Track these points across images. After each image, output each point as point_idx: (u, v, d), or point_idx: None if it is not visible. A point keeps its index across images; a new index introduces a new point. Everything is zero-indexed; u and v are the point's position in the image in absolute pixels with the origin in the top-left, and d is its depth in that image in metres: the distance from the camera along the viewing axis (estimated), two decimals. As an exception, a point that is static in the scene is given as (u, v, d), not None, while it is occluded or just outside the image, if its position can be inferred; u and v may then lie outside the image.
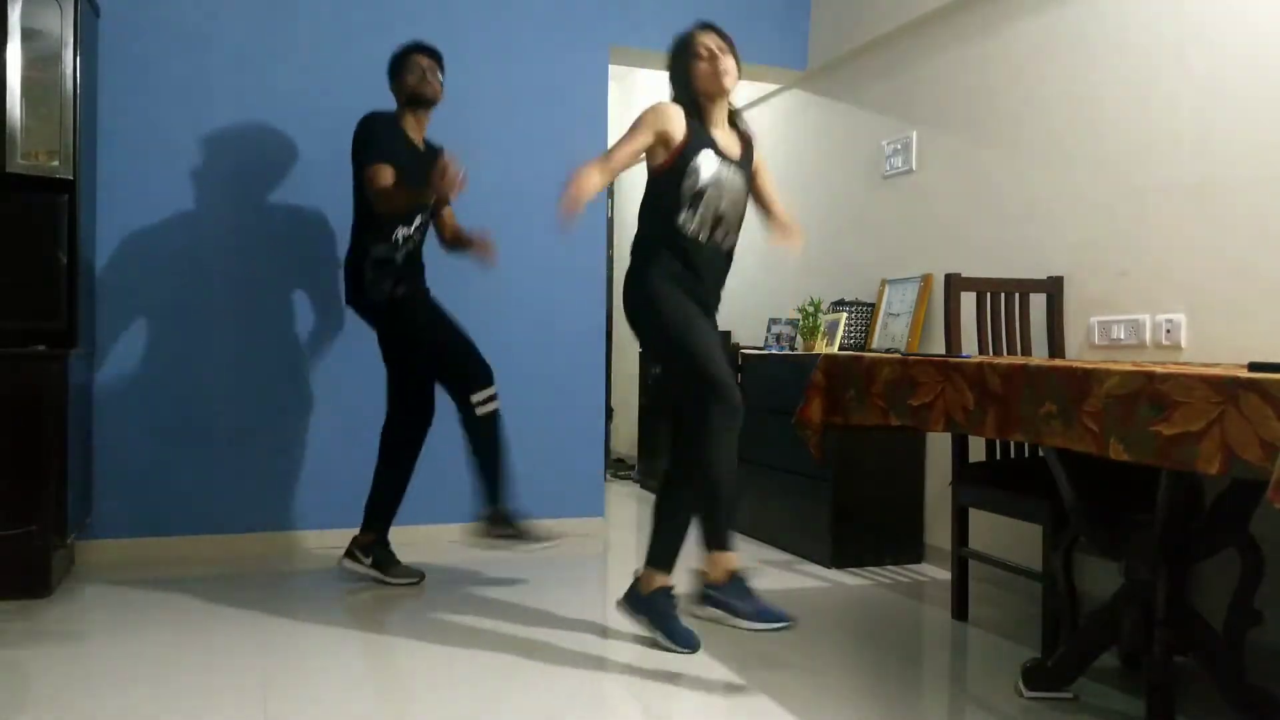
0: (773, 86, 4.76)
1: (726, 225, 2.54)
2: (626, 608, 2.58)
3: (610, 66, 4.08)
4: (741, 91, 5.02)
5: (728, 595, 2.39)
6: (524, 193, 3.83)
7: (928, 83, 3.70)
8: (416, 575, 3.15)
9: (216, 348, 3.51)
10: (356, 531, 3.19)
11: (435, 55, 3.15)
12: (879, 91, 4.00)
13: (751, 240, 4.93)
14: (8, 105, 2.89)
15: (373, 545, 3.14)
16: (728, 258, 2.59)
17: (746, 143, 2.65)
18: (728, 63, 2.51)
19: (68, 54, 2.97)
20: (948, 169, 3.59)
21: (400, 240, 3.06)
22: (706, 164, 2.47)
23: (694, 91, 2.52)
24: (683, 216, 2.47)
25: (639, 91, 6.25)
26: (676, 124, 2.47)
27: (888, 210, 3.93)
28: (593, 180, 2.41)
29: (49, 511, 2.88)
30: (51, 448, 2.89)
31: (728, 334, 4.98)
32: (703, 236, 2.50)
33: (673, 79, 2.57)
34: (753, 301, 4.88)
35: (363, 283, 3.03)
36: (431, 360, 3.09)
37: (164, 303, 3.45)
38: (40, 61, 2.94)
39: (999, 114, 3.34)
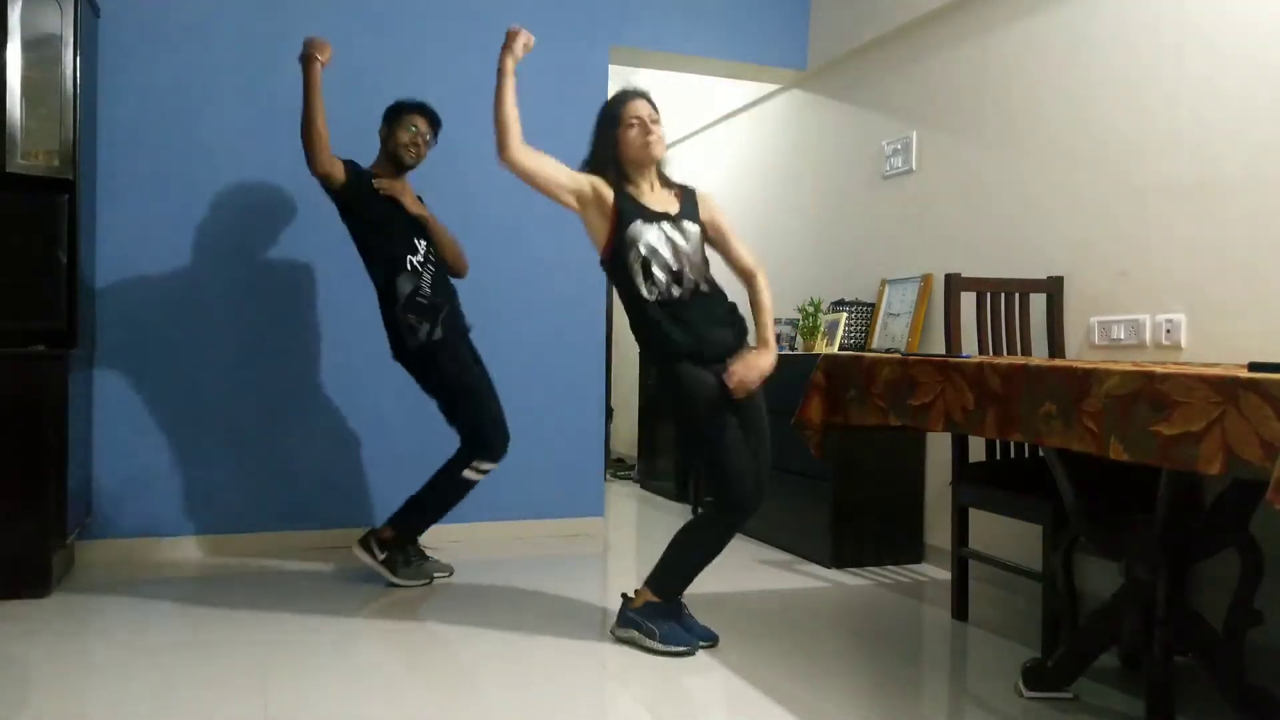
0: (773, 86, 4.76)
1: (694, 274, 2.51)
2: (618, 630, 2.56)
3: (610, 66, 4.08)
4: (741, 91, 5.04)
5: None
6: (524, 193, 3.82)
7: (928, 83, 3.70)
8: (425, 577, 3.14)
9: (216, 347, 3.51)
10: (359, 530, 3.19)
11: (434, 121, 3.16)
12: (879, 91, 4.00)
13: (751, 240, 4.95)
14: (8, 105, 2.89)
15: (391, 544, 3.13)
16: (712, 294, 2.56)
17: (685, 194, 2.62)
18: (658, 131, 2.53)
19: (68, 54, 2.97)
20: (948, 169, 3.59)
21: (416, 267, 3.07)
22: (643, 232, 2.47)
23: (621, 160, 2.52)
24: (645, 289, 2.48)
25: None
26: (607, 191, 2.50)
27: (888, 210, 3.93)
28: (509, 106, 2.50)
29: (49, 511, 2.88)
30: (51, 448, 2.89)
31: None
32: (675, 293, 2.49)
33: (596, 145, 2.57)
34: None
35: (401, 332, 3.05)
36: (456, 409, 3.11)
37: (164, 303, 3.45)
38: (40, 61, 2.94)
39: (999, 114, 3.34)
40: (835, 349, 3.79)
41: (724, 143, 5.37)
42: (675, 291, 2.49)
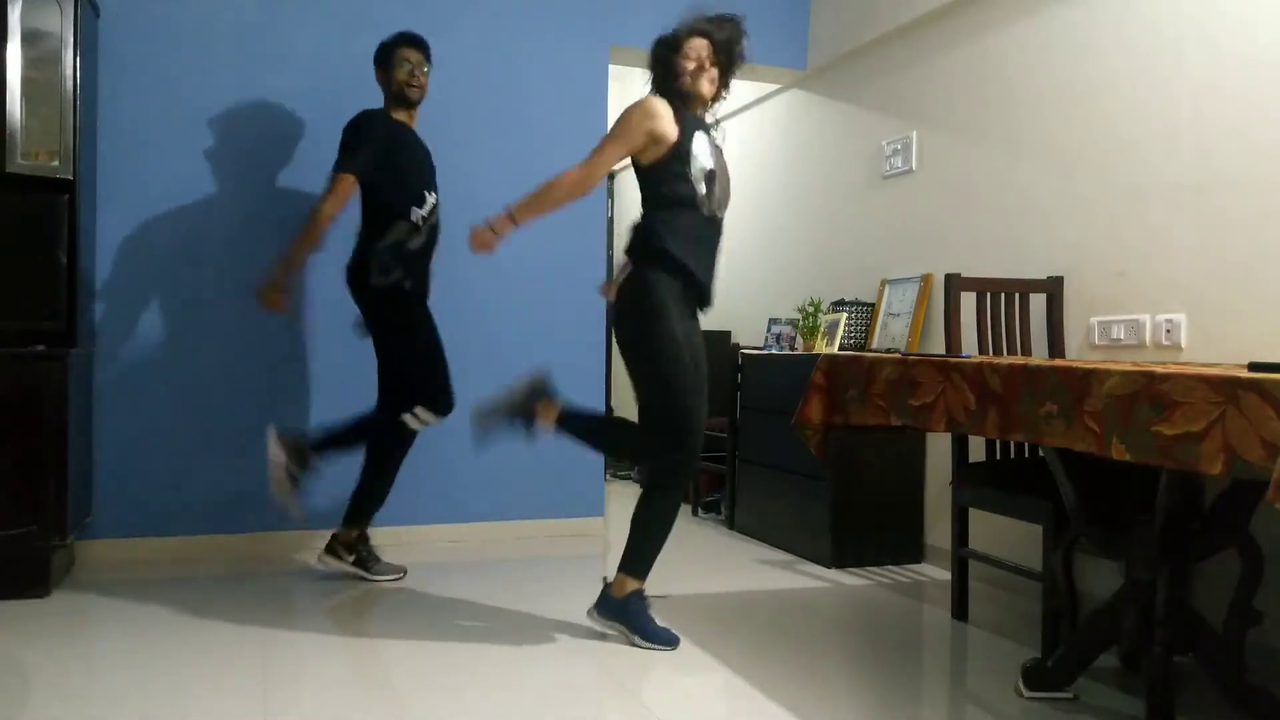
0: (773, 86, 4.76)
1: (725, 203, 2.60)
2: (598, 615, 2.58)
3: (610, 66, 4.08)
4: (741, 91, 5.03)
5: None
6: (521, 188, 3.82)
7: (928, 83, 3.70)
8: (400, 570, 3.16)
9: (216, 347, 3.51)
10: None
11: (423, 48, 3.15)
12: (879, 91, 4.00)
13: (751, 240, 4.95)
14: (8, 105, 2.89)
15: (356, 543, 3.14)
16: (720, 234, 2.62)
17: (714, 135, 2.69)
18: (714, 73, 2.56)
19: (68, 54, 2.97)
20: (948, 169, 3.59)
21: (416, 222, 3.07)
22: (701, 147, 2.52)
23: (678, 89, 2.54)
24: (700, 196, 2.50)
25: (639, 91, 6.25)
26: (667, 120, 2.49)
27: (888, 210, 3.93)
28: (570, 183, 2.47)
29: (49, 511, 2.88)
30: (51, 448, 2.89)
31: (728, 334, 4.99)
32: (717, 212, 2.55)
33: (657, 71, 2.58)
34: (753, 301, 4.89)
35: (369, 270, 3.02)
36: (404, 361, 3.08)
37: (164, 302, 3.45)
38: (40, 61, 2.94)
39: (999, 114, 3.34)
40: (835, 349, 3.79)
41: (724, 142, 5.36)
42: (719, 213, 2.56)
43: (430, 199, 3.12)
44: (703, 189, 2.50)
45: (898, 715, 2.09)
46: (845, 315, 3.88)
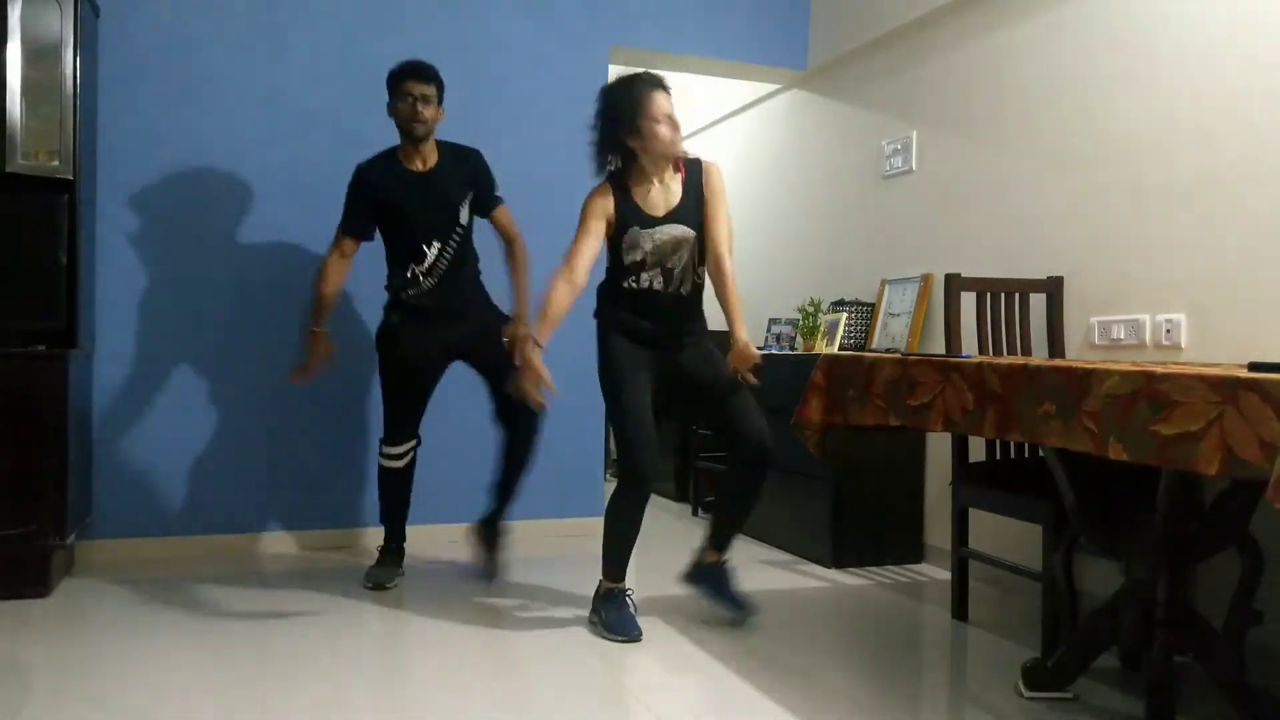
0: (773, 86, 4.76)
1: (680, 273, 2.65)
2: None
3: (610, 66, 4.08)
4: (741, 91, 5.04)
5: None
6: (524, 193, 3.82)
7: (928, 83, 3.70)
8: (392, 579, 3.12)
9: (216, 347, 3.51)
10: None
11: (429, 78, 3.05)
12: (879, 91, 4.00)
13: (751, 240, 4.95)
14: (8, 105, 2.89)
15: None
16: (690, 298, 2.70)
17: (690, 174, 2.67)
18: (679, 126, 2.59)
19: (68, 54, 2.97)
20: (948, 169, 3.59)
21: (419, 276, 3.07)
22: (641, 238, 2.60)
23: (642, 154, 2.58)
24: (628, 281, 2.64)
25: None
26: (607, 205, 2.60)
27: (888, 210, 3.93)
28: (562, 297, 2.55)
29: (49, 511, 2.88)
30: (51, 448, 2.89)
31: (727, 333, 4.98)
32: (657, 286, 2.64)
33: (609, 131, 2.58)
34: (753, 301, 4.88)
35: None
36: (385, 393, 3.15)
37: (164, 302, 3.45)
38: (40, 61, 2.94)
39: (999, 114, 3.34)
40: (835, 349, 3.79)
41: (724, 143, 5.37)
42: (656, 285, 2.63)
43: (430, 251, 3.04)
44: (628, 278, 2.63)
45: (898, 715, 2.09)
46: (845, 315, 3.88)
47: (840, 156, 4.26)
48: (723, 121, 5.38)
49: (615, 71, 4.21)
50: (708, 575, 2.77)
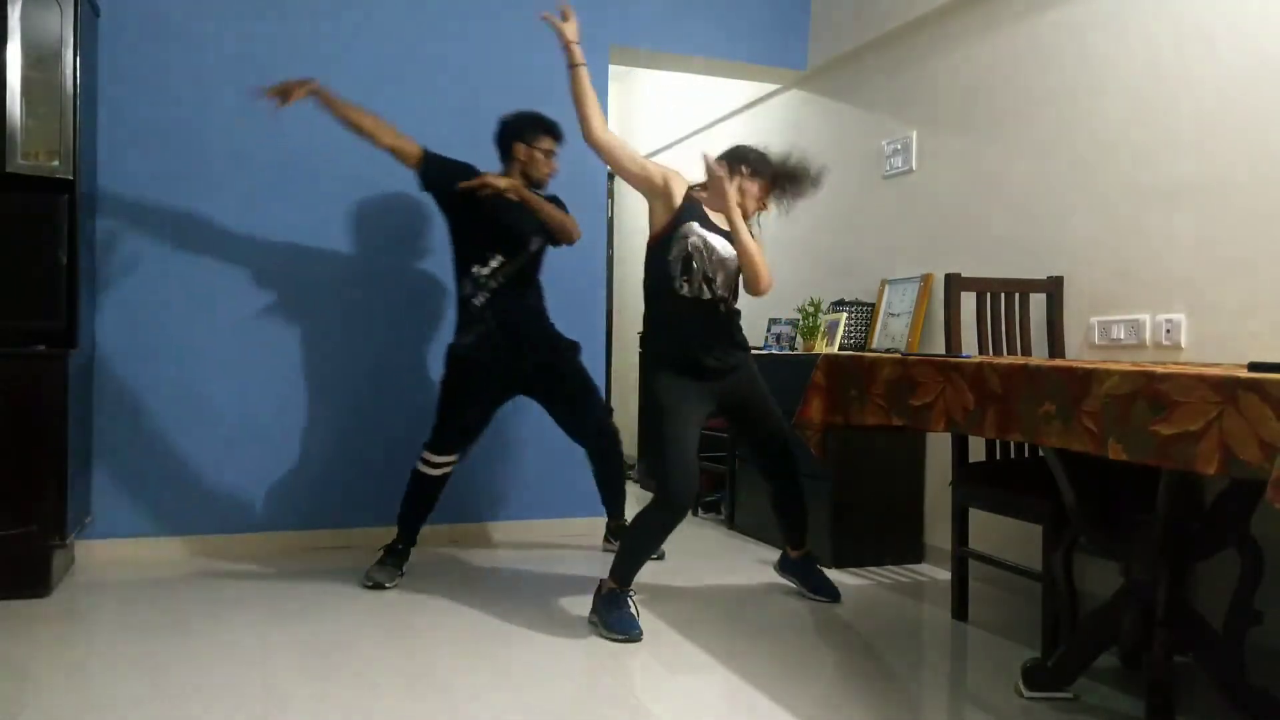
0: (773, 86, 4.76)
1: (723, 287, 2.76)
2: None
3: (610, 66, 4.08)
4: (742, 91, 5.04)
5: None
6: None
7: (928, 83, 3.70)
8: (391, 580, 3.12)
9: (216, 347, 3.51)
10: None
11: (561, 138, 3.25)
12: (879, 91, 4.00)
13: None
14: (8, 105, 2.89)
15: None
16: (727, 316, 2.80)
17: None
18: (754, 190, 2.83)
19: (68, 54, 2.97)
20: (948, 169, 3.59)
21: (480, 279, 3.14)
22: (694, 232, 2.69)
23: (712, 199, 2.74)
24: (678, 282, 2.70)
25: (639, 91, 6.25)
26: (678, 187, 2.72)
27: (888, 210, 3.93)
28: (592, 99, 2.67)
29: (49, 511, 2.88)
30: (51, 448, 2.89)
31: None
32: (705, 295, 2.72)
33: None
34: (753, 301, 4.87)
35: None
36: (439, 409, 3.20)
37: (164, 302, 3.45)
38: (40, 61, 2.94)
39: (999, 114, 3.34)
40: (835, 349, 3.79)
41: (724, 143, 5.35)
42: (705, 294, 2.71)
43: (494, 260, 3.14)
44: (676, 273, 2.70)
45: (898, 715, 2.09)
46: (845, 315, 3.88)
47: (840, 156, 4.25)
48: (723, 121, 5.38)
49: (615, 72, 4.22)
50: (795, 567, 3.10)
